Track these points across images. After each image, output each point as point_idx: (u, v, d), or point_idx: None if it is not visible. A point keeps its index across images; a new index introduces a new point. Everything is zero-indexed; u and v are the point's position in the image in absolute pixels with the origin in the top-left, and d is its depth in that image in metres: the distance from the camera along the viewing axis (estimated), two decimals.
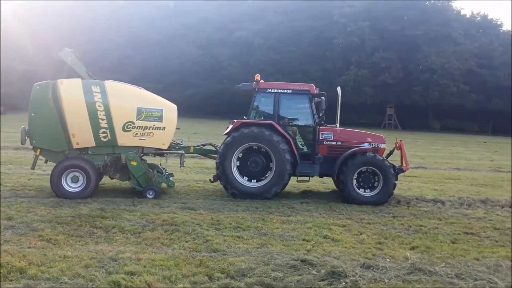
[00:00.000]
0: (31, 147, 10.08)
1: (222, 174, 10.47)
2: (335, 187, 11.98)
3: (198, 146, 11.70)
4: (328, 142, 11.01)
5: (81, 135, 9.68)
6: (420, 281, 5.35)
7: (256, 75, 11.14)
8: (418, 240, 7.37)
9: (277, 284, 5.23)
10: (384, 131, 41.05)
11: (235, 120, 10.83)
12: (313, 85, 11.23)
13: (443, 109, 51.29)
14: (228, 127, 11.11)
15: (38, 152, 9.88)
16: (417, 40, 51.34)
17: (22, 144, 10.12)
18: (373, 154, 10.55)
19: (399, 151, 11.36)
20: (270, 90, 11.00)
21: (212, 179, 11.12)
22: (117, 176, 10.47)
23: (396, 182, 10.56)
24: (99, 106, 9.61)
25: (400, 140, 11.41)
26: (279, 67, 51.87)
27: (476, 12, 65.84)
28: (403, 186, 12.77)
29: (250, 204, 9.62)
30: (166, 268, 5.57)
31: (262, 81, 11.03)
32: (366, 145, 11.05)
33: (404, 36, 51.44)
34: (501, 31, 59.41)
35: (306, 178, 10.91)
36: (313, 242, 7.03)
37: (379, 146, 11.13)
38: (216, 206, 9.33)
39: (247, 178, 10.61)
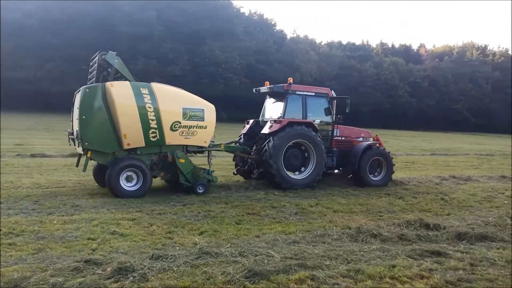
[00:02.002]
0: None
1: (275, 170, 11.38)
2: None
3: (226, 143, 12.53)
4: (337, 138, 12.95)
5: (133, 136, 9.91)
6: (207, 264, 5.50)
7: (289, 79, 12.30)
8: (207, 225, 7.62)
9: None
10: None
11: (252, 120, 13.12)
12: (329, 89, 13.01)
13: (229, 101, 54.95)
14: (245, 127, 13.22)
15: (89, 154, 9.79)
16: (203, 34, 53.65)
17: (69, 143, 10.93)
18: (381, 147, 13.21)
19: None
20: (299, 92, 12.34)
21: (255, 175, 12.08)
22: (161, 175, 10.86)
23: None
24: (149, 107, 9.92)
25: (376, 135, 13.97)
26: (59, 53, 47.34)
27: (253, 11, 72.37)
28: None
29: (25, 206, 8.52)
30: None
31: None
32: (361, 139, 13.33)
33: (191, 29, 53.12)
34: (275, 30, 66.66)
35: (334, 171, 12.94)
36: (99, 240, 6.58)
37: (370, 140, 13.37)
38: None
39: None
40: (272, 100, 13.11)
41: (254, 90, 13.44)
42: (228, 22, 56.36)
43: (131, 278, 5.05)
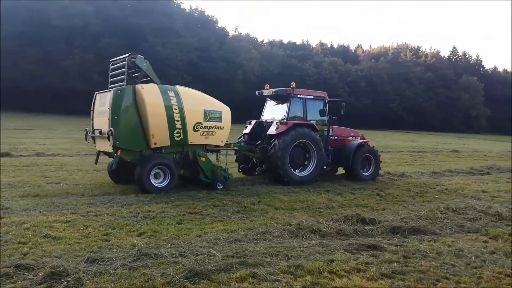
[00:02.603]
0: None
1: (283, 170, 12.30)
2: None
3: (235, 143, 13.44)
4: (331, 137, 14.05)
5: (160, 135, 10.49)
6: (146, 266, 5.36)
7: (292, 83, 13.34)
8: (146, 226, 7.42)
9: None
10: None
11: (255, 121, 14.02)
12: (325, 93, 13.98)
13: None
14: (247, 127, 14.12)
15: (119, 153, 10.22)
16: (143, 30, 52.39)
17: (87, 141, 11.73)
18: (370, 145, 14.49)
19: None
20: (300, 96, 13.35)
21: (257, 172, 13.41)
22: (181, 172, 11.23)
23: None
24: (175, 109, 10.53)
25: (362, 134, 15.12)
26: None
27: (194, 7, 71.53)
28: None
29: None
30: None
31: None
32: (350, 138, 14.53)
33: (130, 24, 51.69)
34: (217, 27, 66.35)
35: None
36: (30, 244, 6.23)
37: (358, 139, 14.57)
38: None
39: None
40: (274, 102, 14.13)
41: (256, 93, 14.23)
42: (169, 17, 55.47)
43: (65, 283, 4.82)
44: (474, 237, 7.36)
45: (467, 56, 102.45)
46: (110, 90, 10.41)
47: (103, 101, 10.71)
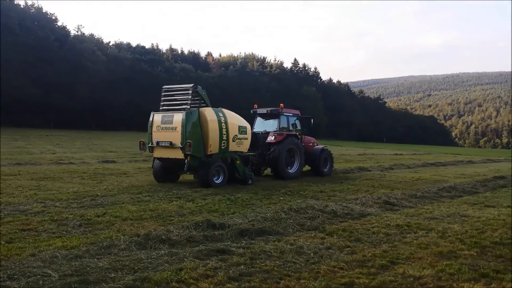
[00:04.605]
0: None
1: (282, 169, 16.62)
2: None
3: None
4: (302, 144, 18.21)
5: (214, 145, 13.98)
6: None
7: (281, 104, 17.70)
8: None
9: None
10: None
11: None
12: (299, 111, 18.96)
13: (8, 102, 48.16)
14: None
15: (189, 158, 13.41)
16: None
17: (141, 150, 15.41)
18: (328, 149, 19.38)
19: None
20: (286, 114, 17.87)
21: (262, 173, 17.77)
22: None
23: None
24: (223, 125, 14.13)
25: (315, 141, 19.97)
26: None
27: (30, 3, 64.72)
28: None
29: None
30: None
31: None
32: (311, 144, 19.12)
33: None
34: (57, 26, 61.31)
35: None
36: None
37: (316, 145, 19.42)
38: None
39: None
40: (263, 118, 18.54)
41: (251, 111, 18.56)
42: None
43: None
44: (313, 234, 7.95)
45: (306, 68, 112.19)
46: (175, 111, 13.74)
47: (169, 119, 13.69)
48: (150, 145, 14.18)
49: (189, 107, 13.67)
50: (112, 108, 61.27)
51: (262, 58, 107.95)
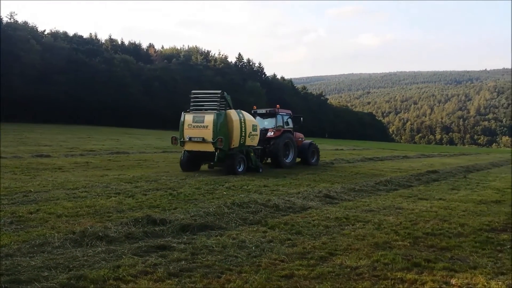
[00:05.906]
0: None
1: (281, 160, 20.01)
2: None
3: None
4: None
5: (235, 140, 16.91)
6: None
7: (277, 105, 21.60)
8: None
9: None
10: None
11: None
12: (290, 111, 22.64)
13: None
14: None
15: (218, 151, 16.28)
16: None
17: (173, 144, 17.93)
18: (315, 144, 22.68)
19: None
20: (281, 113, 21.42)
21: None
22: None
23: None
24: (242, 124, 17.08)
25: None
26: None
27: None
28: None
29: None
30: None
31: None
32: (300, 139, 22.13)
33: None
34: None
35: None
36: None
37: (304, 140, 22.54)
38: None
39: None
40: (262, 117, 21.51)
41: (252, 112, 20.79)
42: None
43: None
44: (255, 229, 8.00)
45: (251, 64, 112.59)
46: (206, 112, 16.64)
47: (200, 119, 16.45)
48: (182, 140, 16.82)
49: (218, 109, 16.53)
50: (47, 100, 58.44)
51: (206, 51, 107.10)
